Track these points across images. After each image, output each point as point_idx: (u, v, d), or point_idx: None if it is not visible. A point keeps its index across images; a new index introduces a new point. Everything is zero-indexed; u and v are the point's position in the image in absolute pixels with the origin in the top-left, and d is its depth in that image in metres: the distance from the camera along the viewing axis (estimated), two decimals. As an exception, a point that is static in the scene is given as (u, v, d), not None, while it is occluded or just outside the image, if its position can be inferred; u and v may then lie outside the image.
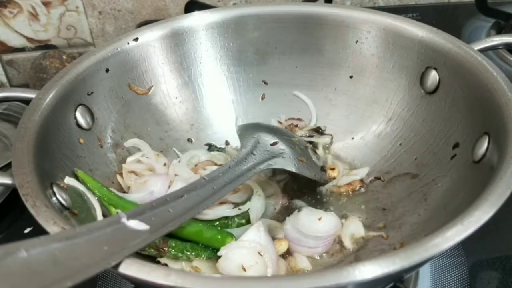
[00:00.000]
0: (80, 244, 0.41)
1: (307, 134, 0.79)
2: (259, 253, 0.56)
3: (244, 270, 0.54)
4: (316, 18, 0.78)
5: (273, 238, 0.62)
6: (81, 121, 0.66)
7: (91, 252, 0.40)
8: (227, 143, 0.79)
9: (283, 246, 0.62)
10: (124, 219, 0.46)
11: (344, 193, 0.71)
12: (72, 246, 0.40)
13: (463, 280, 0.63)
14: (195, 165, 0.75)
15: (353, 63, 0.77)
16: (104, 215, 0.60)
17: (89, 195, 0.61)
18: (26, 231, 0.75)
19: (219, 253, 0.57)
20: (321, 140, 0.78)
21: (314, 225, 0.62)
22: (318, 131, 0.79)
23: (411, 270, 0.56)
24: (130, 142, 0.72)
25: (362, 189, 0.71)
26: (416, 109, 0.71)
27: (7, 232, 0.77)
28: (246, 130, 0.70)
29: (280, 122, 0.81)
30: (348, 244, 0.63)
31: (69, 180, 0.59)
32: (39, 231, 0.45)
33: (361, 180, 0.71)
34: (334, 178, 0.73)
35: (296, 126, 0.80)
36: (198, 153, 0.77)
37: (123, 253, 0.41)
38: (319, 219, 0.62)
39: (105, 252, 0.41)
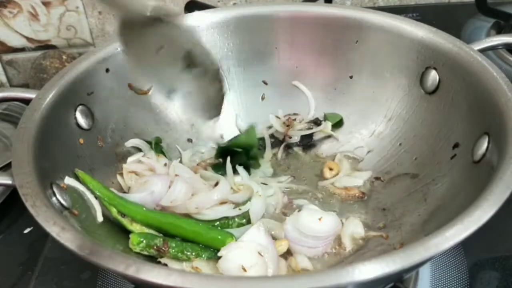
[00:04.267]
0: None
1: (306, 127, 0.79)
2: (259, 253, 0.56)
3: (245, 270, 0.54)
4: (316, 18, 0.78)
5: (274, 238, 0.61)
6: (81, 121, 0.66)
7: None
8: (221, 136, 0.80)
9: (283, 247, 0.61)
10: None
11: (342, 195, 0.71)
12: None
13: (463, 280, 0.63)
14: (197, 164, 0.75)
15: (353, 63, 0.77)
16: (104, 216, 0.60)
17: (89, 195, 0.61)
18: (26, 231, 0.75)
19: (219, 254, 0.57)
20: (321, 129, 0.78)
21: (314, 225, 0.62)
22: (317, 122, 0.80)
23: (411, 270, 0.56)
24: (130, 142, 0.72)
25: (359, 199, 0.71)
26: (416, 109, 0.71)
27: (7, 232, 0.77)
28: None
29: (278, 117, 0.81)
30: (348, 244, 0.63)
31: (69, 180, 0.59)
32: (39, 231, 0.45)
33: (362, 192, 0.71)
34: (326, 179, 0.73)
35: (294, 120, 0.80)
36: (200, 149, 0.77)
37: None
38: (319, 219, 0.62)
39: None
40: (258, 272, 0.55)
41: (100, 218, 0.60)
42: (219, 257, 0.57)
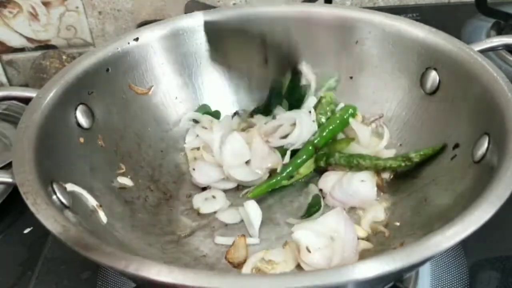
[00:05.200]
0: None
1: None
2: (332, 238, 0.57)
3: (309, 251, 0.56)
4: (316, 18, 0.78)
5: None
6: (81, 120, 0.66)
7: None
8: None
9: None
10: None
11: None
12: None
13: (463, 280, 0.63)
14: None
15: (353, 64, 0.77)
16: (109, 217, 0.61)
17: (90, 199, 0.61)
18: (26, 231, 0.75)
19: (292, 229, 0.59)
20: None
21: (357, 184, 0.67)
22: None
23: (411, 270, 0.56)
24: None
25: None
26: (416, 110, 0.71)
27: (7, 232, 0.77)
28: None
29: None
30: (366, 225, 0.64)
31: (70, 186, 0.59)
32: (39, 231, 0.45)
33: None
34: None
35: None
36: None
37: None
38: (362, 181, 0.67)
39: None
40: (322, 257, 0.56)
41: (103, 219, 0.60)
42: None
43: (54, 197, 0.54)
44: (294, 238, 0.58)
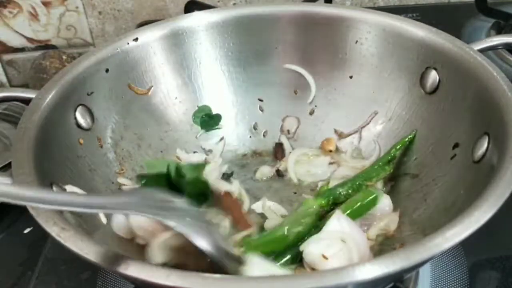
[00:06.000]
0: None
1: None
2: (342, 240, 0.56)
3: (326, 258, 0.54)
4: (316, 18, 0.78)
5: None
6: (81, 121, 0.66)
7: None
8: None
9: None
10: None
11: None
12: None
13: (463, 280, 0.63)
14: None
15: (353, 63, 0.77)
16: (105, 217, 0.60)
17: None
18: (26, 231, 0.75)
19: (300, 249, 0.57)
20: None
21: None
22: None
23: (411, 270, 0.56)
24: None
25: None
26: (416, 110, 0.71)
27: (7, 232, 0.77)
28: None
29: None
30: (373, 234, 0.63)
31: (69, 188, 0.59)
32: (39, 231, 0.45)
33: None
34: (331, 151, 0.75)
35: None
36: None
37: None
38: None
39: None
40: (341, 259, 0.55)
41: (104, 220, 0.60)
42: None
43: (54, 198, 0.54)
44: (306, 253, 0.56)
